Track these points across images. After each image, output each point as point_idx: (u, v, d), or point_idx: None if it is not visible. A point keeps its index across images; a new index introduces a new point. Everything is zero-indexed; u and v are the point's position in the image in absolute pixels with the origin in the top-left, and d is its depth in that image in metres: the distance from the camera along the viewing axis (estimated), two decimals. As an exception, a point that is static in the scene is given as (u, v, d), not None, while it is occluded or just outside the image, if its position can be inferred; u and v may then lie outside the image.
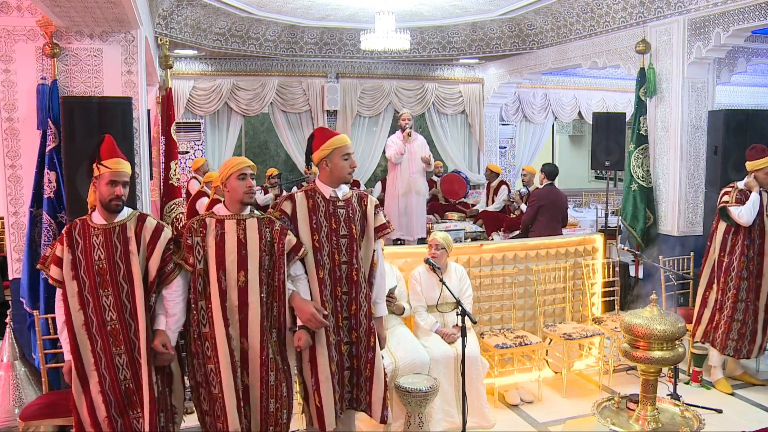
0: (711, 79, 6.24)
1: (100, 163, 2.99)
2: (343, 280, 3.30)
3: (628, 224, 6.36)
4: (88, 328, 2.96)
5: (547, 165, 6.90)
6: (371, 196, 3.49)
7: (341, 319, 3.31)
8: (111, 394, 2.96)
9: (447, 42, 9.14)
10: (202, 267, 3.07)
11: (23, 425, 3.39)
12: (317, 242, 3.26)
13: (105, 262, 2.96)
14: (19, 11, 4.33)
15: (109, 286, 2.96)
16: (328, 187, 3.35)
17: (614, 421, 3.12)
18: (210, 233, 3.09)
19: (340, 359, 3.30)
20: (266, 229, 3.14)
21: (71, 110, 3.98)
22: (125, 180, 3.04)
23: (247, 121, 10.89)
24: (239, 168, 3.14)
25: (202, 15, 7.54)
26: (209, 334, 3.04)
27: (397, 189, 7.07)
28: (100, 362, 2.96)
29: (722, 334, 4.66)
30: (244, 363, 3.06)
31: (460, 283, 4.36)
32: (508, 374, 4.66)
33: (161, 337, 3.00)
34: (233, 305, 3.05)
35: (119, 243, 2.99)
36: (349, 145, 3.36)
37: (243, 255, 3.07)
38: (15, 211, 4.44)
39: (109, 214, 3.02)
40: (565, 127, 14.95)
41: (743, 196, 4.61)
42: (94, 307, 2.95)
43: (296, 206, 3.30)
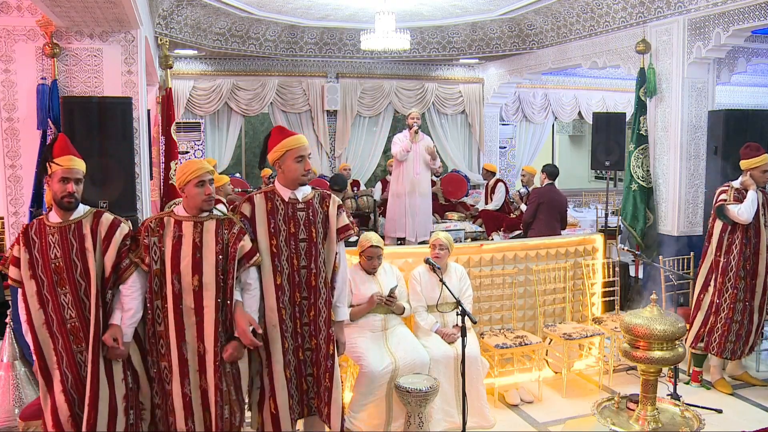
0: (711, 79, 6.24)
1: (52, 161, 2.96)
2: (302, 285, 3.23)
3: (628, 224, 6.36)
4: (48, 327, 2.96)
5: (548, 165, 6.90)
6: (334, 196, 3.39)
7: (300, 325, 3.24)
8: (74, 392, 2.96)
9: (447, 42, 9.14)
10: (159, 267, 3.04)
11: (23, 425, 3.39)
12: (275, 247, 3.19)
13: (61, 260, 2.95)
14: (19, 11, 4.33)
15: (67, 284, 2.95)
16: (286, 189, 3.25)
17: (614, 421, 3.12)
18: (167, 234, 3.06)
19: (298, 365, 3.25)
20: (224, 232, 3.08)
21: (71, 110, 3.99)
22: (78, 177, 3.00)
23: (247, 121, 10.89)
24: (198, 175, 3.05)
25: (202, 15, 7.55)
26: (163, 333, 3.05)
27: (401, 188, 6.99)
28: (62, 360, 2.96)
29: (720, 336, 4.62)
30: (202, 367, 3.04)
31: (460, 283, 4.36)
32: (508, 374, 4.66)
33: (113, 331, 2.97)
34: (188, 308, 3.02)
35: (75, 240, 2.97)
36: (304, 147, 3.23)
37: (198, 258, 3.03)
38: (15, 211, 4.44)
39: (64, 212, 3.00)
40: (565, 127, 14.95)
41: (740, 195, 4.60)
42: (53, 306, 2.95)
43: (255, 209, 3.22)
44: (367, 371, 3.82)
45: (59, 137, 3.07)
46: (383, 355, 3.91)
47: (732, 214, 4.56)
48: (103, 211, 3.13)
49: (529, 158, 11.26)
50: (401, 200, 7.03)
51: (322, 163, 9.91)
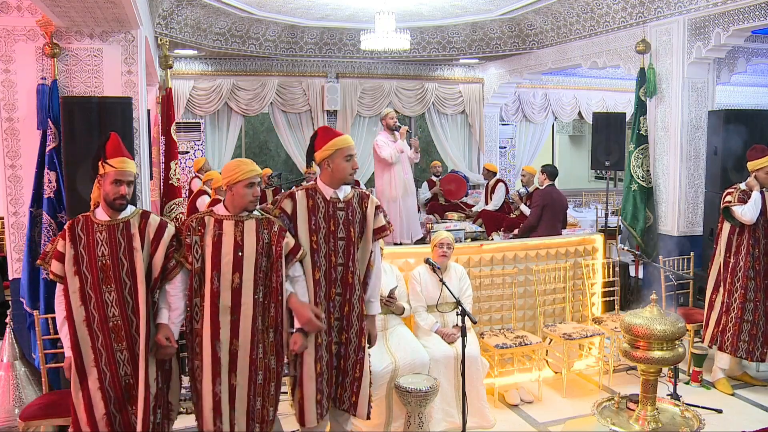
0: (711, 79, 6.24)
1: (106, 161, 2.99)
2: (338, 281, 3.30)
3: (628, 224, 6.36)
4: (89, 324, 2.97)
5: (548, 166, 6.89)
6: (372, 197, 3.49)
7: (332, 320, 3.31)
8: (111, 390, 2.97)
9: (447, 42, 9.14)
10: (200, 266, 3.08)
11: (23, 425, 3.39)
12: (315, 243, 3.26)
13: (108, 258, 2.97)
14: (19, 11, 4.33)
15: (112, 282, 2.96)
16: (329, 188, 3.34)
17: (614, 421, 3.12)
18: (208, 233, 3.10)
19: (330, 359, 3.30)
20: (264, 231, 3.14)
21: (71, 110, 3.98)
22: (130, 179, 3.04)
23: (247, 121, 10.89)
24: (249, 177, 3.11)
25: (202, 15, 7.55)
26: (199, 331, 3.07)
27: (395, 192, 6.69)
28: (101, 358, 2.97)
29: (732, 335, 4.64)
30: (233, 364, 3.06)
31: (460, 283, 4.36)
32: (508, 374, 4.66)
33: (164, 331, 3.02)
34: (225, 306, 3.05)
35: (123, 239, 3.00)
36: (352, 146, 3.33)
37: (239, 257, 3.07)
38: (15, 211, 4.44)
39: (113, 211, 3.03)
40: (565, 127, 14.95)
41: (746, 196, 4.61)
42: (96, 303, 2.96)
43: (296, 205, 3.29)
44: (367, 371, 3.82)
45: (111, 136, 3.07)
46: (383, 355, 3.91)
47: (736, 215, 4.58)
48: (150, 212, 3.18)
49: (529, 158, 11.26)
50: (396, 204, 6.71)
51: (322, 163, 9.88)
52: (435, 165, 9.86)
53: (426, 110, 10.50)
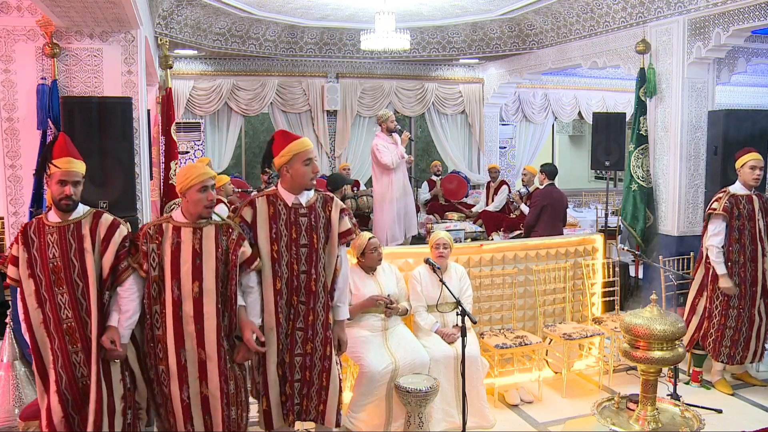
0: (711, 79, 6.23)
1: (51, 162, 2.95)
2: (300, 289, 3.23)
3: (628, 224, 6.36)
4: (46, 326, 2.97)
5: (548, 165, 6.89)
6: (337, 200, 3.38)
7: (293, 329, 3.25)
8: (68, 392, 2.96)
9: (447, 42, 9.14)
10: (157, 274, 3.03)
11: (23, 425, 3.39)
12: (276, 252, 3.19)
13: (59, 259, 2.95)
14: (19, 11, 4.33)
15: (64, 284, 2.94)
16: (290, 194, 3.25)
17: (614, 421, 3.12)
18: (166, 240, 3.04)
19: (291, 366, 3.27)
20: (223, 238, 3.08)
21: (71, 110, 3.98)
22: (76, 179, 2.98)
23: (247, 121, 10.89)
24: (201, 180, 3.03)
25: (202, 15, 7.55)
26: (161, 337, 3.04)
27: (394, 194, 6.63)
28: (57, 361, 2.96)
29: (714, 341, 4.63)
30: (203, 373, 3.04)
31: (460, 283, 4.36)
32: (508, 374, 4.66)
33: (110, 333, 2.97)
34: (188, 315, 3.02)
35: (73, 240, 2.97)
36: (310, 150, 3.23)
37: (198, 265, 3.02)
38: (15, 211, 4.44)
39: (63, 213, 3.00)
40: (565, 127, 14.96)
41: (734, 200, 4.59)
42: (50, 305, 2.95)
43: (256, 213, 3.22)
44: (367, 371, 3.82)
45: (59, 137, 3.06)
46: (383, 355, 3.91)
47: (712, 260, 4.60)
48: (103, 211, 3.13)
49: (529, 158, 11.27)
50: (393, 206, 6.66)
51: (321, 163, 9.90)
52: (435, 165, 9.87)
53: (426, 110, 10.49)
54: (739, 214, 4.58)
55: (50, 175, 2.97)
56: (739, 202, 4.60)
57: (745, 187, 4.64)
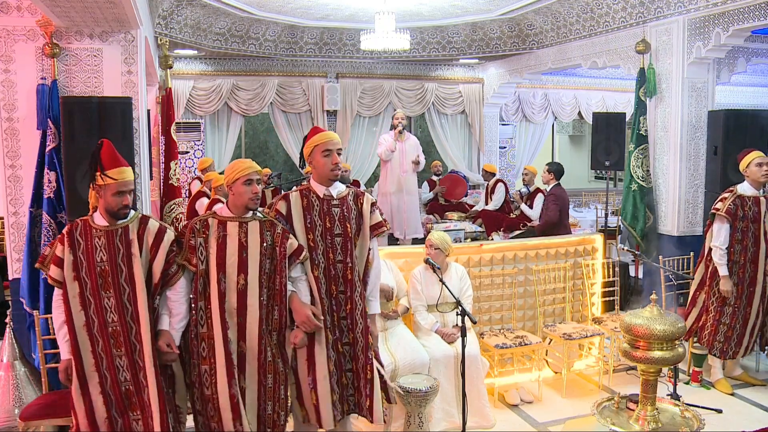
0: (711, 79, 6.24)
1: (104, 173, 2.94)
2: (339, 278, 3.30)
3: (628, 224, 6.36)
4: (89, 329, 2.96)
5: (555, 164, 6.80)
6: (368, 195, 3.48)
7: (337, 318, 3.30)
8: (111, 394, 2.96)
9: (447, 42, 9.14)
10: (204, 268, 3.07)
11: (23, 425, 3.39)
12: (312, 241, 3.27)
13: (107, 264, 2.95)
14: (19, 11, 4.33)
15: (111, 288, 2.95)
16: (320, 185, 3.34)
17: (614, 421, 3.12)
18: (212, 234, 3.09)
19: (338, 359, 3.29)
20: (268, 233, 3.14)
21: (71, 110, 3.99)
22: (131, 188, 3.02)
23: (247, 121, 10.89)
24: (246, 173, 3.10)
25: (202, 15, 7.55)
26: (206, 334, 3.04)
27: (388, 187, 7.02)
28: (101, 363, 2.96)
29: (708, 334, 4.70)
30: (241, 366, 3.06)
31: (461, 283, 4.36)
32: (508, 374, 4.66)
33: (165, 337, 3.01)
34: (232, 308, 3.05)
35: (122, 245, 2.98)
36: (331, 141, 3.30)
37: (244, 258, 3.06)
38: (15, 211, 4.44)
39: (111, 218, 3.01)
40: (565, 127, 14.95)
41: (740, 201, 4.59)
42: (95, 309, 2.95)
43: (291, 206, 3.29)
44: (367, 371, 3.82)
45: (105, 144, 3.02)
46: (383, 355, 3.91)
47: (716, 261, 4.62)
48: (149, 216, 3.15)
49: (529, 158, 11.26)
50: (387, 199, 7.06)
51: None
52: (435, 165, 9.87)
53: (426, 110, 10.49)
54: (743, 215, 4.58)
55: (102, 186, 2.95)
56: (746, 203, 4.60)
57: (754, 186, 4.64)
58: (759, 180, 4.60)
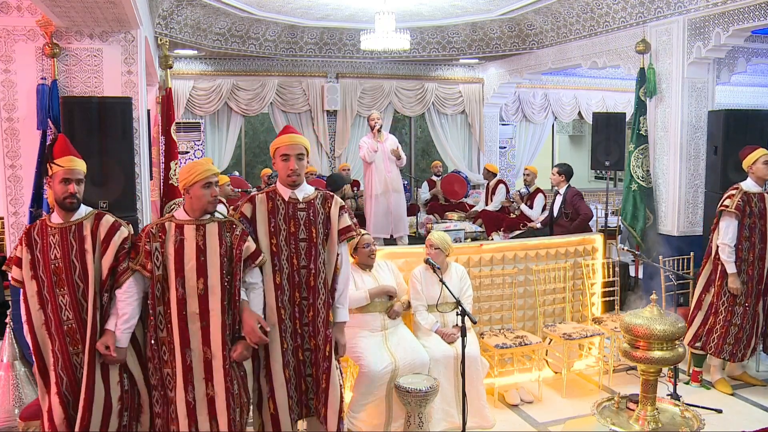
0: (711, 79, 6.24)
1: (53, 162, 2.96)
2: (302, 285, 3.22)
3: (628, 224, 6.35)
4: (47, 328, 2.97)
5: (564, 165, 6.71)
6: (337, 198, 3.37)
7: (300, 325, 3.23)
8: (69, 393, 2.96)
9: (447, 42, 9.14)
10: (161, 273, 3.02)
11: (23, 425, 3.40)
12: (275, 246, 3.19)
13: (61, 260, 2.95)
14: (19, 11, 4.33)
15: (65, 285, 2.94)
16: (286, 188, 3.27)
17: (614, 421, 3.12)
18: (169, 239, 3.03)
19: (297, 366, 3.25)
20: (227, 234, 3.07)
21: (71, 110, 3.99)
22: (79, 177, 3.00)
23: (247, 121, 10.90)
24: (205, 176, 3.04)
25: (202, 15, 7.55)
26: (166, 339, 3.02)
27: (374, 189, 6.97)
28: (57, 362, 2.96)
29: (718, 338, 4.63)
30: (209, 374, 3.00)
31: (461, 283, 4.36)
32: (508, 374, 4.66)
33: (105, 338, 2.96)
34: (193, 313, 3.00)
35: (75, 241, 2.97)
36: (289, 145, 3.21)
37: (202, 262, 3.00)
38: (15, 211, 4.44)
39: (66, 213, 3.00)
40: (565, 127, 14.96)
41: (747, 198, 4.60)
42: (52, 307, 2.95)
43: (255, 209, 3.23)
44: (367, 371, 3.82)
45: (59, 138, 3.08)
46: (383, 355, 3.91)
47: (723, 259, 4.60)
48: (104, 212, 3.12)
49: (529, 158, 11.27)
50: (378, 200, 7.01)
51: (321, 163, 9.91)
52: (436, 165, 9.88)
53: (426, 110, 10.49)
54: (750, 212, 4.58)
55: (52, 176, 2.98)
56: (751, 200, 4.60)
57: (758, 184, 4.64)
58: (765, 178, 4.61)
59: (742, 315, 4.60)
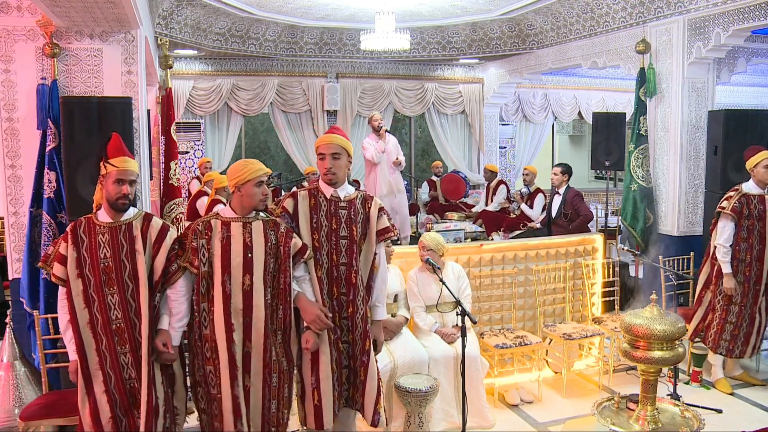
0: (711, 79, 6.24)
1: (107, 161, 2.97)
2: (341, 281, 3.29)
3: (628, 224, 6.35)
4: (93, 327, 2.95)
5: (566, 165, 6.71)
6: (377, 199, 3.47)
7: (339, 318, 3.30)
8: (116, 393, 2.96)
9: (447, 42, 9.14)
10: (207, 270, 3.06)
11: (23, 425, 3.40)
12: (317, 242, 3.26)
13: (111, 260, 2.95)
14: (19, 11, 4.33)
15: (115, 285, 2.94)
16: (328, 186, 3.34)
17: (614, 421, 3.12)
18: (215, 236, 3.07)
19: (338, 357, 3.30)
20: (271, 232, 3.13)
21: (71, 110, 3.98)
22: (132, 179, 3.02)
23: (247, 121, 10.89)
24: (258, 175, 3.10)
25: (202, 15, 7.55)
26: (209, 336, 3.04)
27: (380, 191, 7.01)
28: (105, 361, 2.95)
29: (715, 333, 4.69)
30: (246, 365, 3.05)
31: (458, 282, 4.35)
32: (508, 374, 4.66)
33: (162, 336, 3.00)
34: (237, 308, 3.04)
35: (125, 241, 2.98)
36: (326, 145, 3.30)
37: (249, 258, 3.05)
38: (15, 211, 4.44)
39: (115, 213, 3.01)
40: (565, 127, 14.97)
41: (746, 200, 4.60)
42: (99, 306, 2.94)
43: (298, 205, 3.30)
44: (367, 371, 3.82)
45: (113, 137, 3.05)
46: (382, 355, 3.91)
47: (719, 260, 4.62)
48: (152, 214, 3.15)
49: (529, 158, 11.27)
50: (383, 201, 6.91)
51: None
52: (436, 165, 9.88)
53: (426, 110, 10.50)
54: (749, 214, 4.59)
55: (105, 175, 2.98)
56: (751, 201, 4.61)
57: (759, 186, 4.65)
58: (765, 181, 4.61)
59: (737, 314, 4.64)
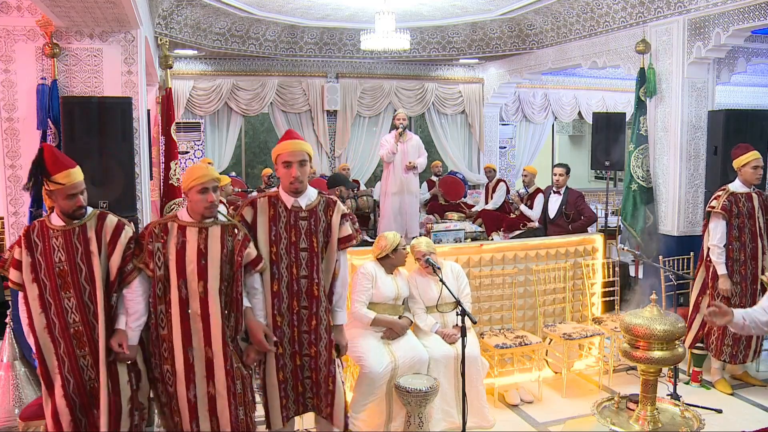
0: (711, 79, 6.24)
1: (50, 179, 2.86)
2: (302, 294, 3.21)
3: (628, 224, 6.35)
4: (50, 331, 2.93)
5: (567, 165, 6.80)
6: (340, 204, 3.34)
7: (298, 333, 3.24)
8: (76, 396, 2.95)
9: (447, 42, 9.14)
10: (162, 273, 3.01)
11: (23, 425, 3.39)
12: (275, 255, 3.18)
13: (66, 263, 2.92)
14: (19, 11, 4.33)
15: (71, 288, 2.92)
16: (289, 196, 3.23)
17: (614, 421, 3.12)
18: (171, 240, 3.02)
19: (294, 370, 3.27)
20: (229, 238, 3.06)
21: (71, 110, 3.99)
22: (82, 189, 2.95)
23: (247, 121, 10.89)
24: (201, 182, 2.99)
25: (202, 15, 7.55)
26: (167, 336, 3.03)
27: (390, 188, 7.14)
28: (64, 365, 2.94)
29: (717, 339, 4.64)
30: (210, 372, 3.02)
31: (457, 282, 4.34)
32: (508, 374, 4.66)
33: (118, 336, 2.97)
34: (195, 313, 3.00)
35: (80, 244, 2.95)
36: (290, 152, 3.16)
37: (202, 265, 3.00)
38: (15, 211, 4.44)
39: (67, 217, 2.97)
40: (565, 127, 14.95)
41: (734, 198, 4.59)
42: (56, 310, 2.92)
43: (257, 214, 3.21)
44: (368, 372, 3.82)
45: (45, 150, 2.93)
46: (383, 355, 3.91)
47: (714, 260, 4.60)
48: (107, 212, 3.10)
49: (529, 158, 11.27)
50: (390, 199, 7.20)
51: (321, 163, 9.92)
52: (436, 165, 9.87)
53: (426, 110, 10.50)
54: (738, 212, 4.58)
55: (53, 192, 2.90)
56: (739, 200, 4.60)
57: (745, 185, 4.64)
58: (751, 182, 4.61)
59: None
